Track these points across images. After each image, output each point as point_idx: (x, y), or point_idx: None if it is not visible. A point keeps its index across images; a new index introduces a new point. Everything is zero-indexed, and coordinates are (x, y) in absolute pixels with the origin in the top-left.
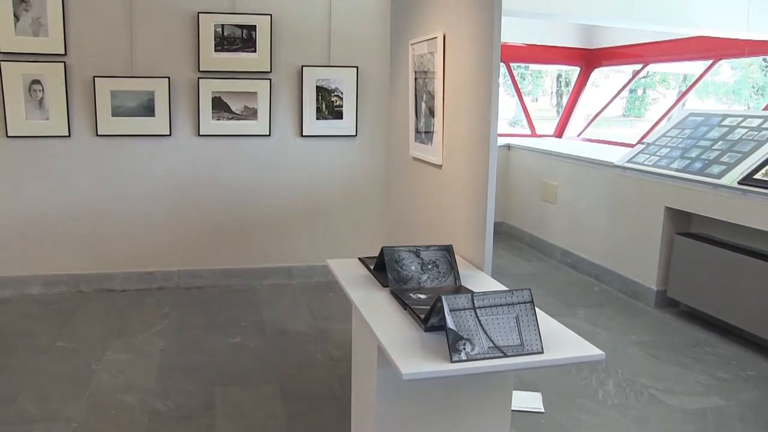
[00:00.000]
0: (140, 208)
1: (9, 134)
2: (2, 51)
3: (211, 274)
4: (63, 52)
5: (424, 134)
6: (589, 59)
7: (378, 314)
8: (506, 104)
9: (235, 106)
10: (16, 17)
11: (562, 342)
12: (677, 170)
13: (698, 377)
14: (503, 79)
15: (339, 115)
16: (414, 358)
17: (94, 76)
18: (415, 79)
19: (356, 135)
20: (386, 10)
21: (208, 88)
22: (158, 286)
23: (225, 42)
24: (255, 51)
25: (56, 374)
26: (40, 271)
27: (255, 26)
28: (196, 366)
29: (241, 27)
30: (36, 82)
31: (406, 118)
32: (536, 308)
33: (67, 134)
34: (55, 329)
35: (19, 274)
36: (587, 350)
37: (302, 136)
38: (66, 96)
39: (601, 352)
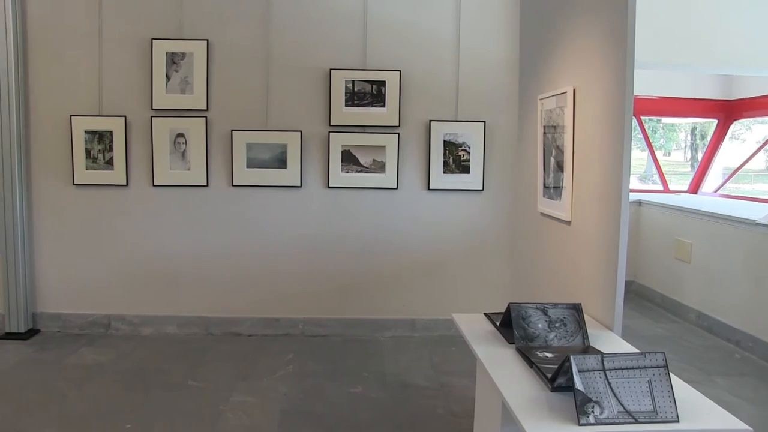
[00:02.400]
0: (269, 256)
1: (155, 183)
2: (154, 108)
3: (335, 323)
4: (205, 108)
5: (553, 189)
6: (728, 111)
7: (503, 371)
8: (637, 159)
9: (364, 160)
10: (167, 77)
11: (701, 412)
12: None
13: None
14: (634, 133)
15: (466, 170)
16: (540, 418)
17: (231, 130)
18: (544, 133)
19: (483, 189)
20: (514, 65)
21: (339, 141)
22: (284, 332)
23: (355, 97)
24: (384, 106)
25: (187, 411)
26: (176, 312)
27: (384, 82)
28: (318, 413)
29: (371, 83)
30: (180, 135)
31: (534, 173)
32: (670, 374)
33: (206, 184)
34: (187, 368)
35: (158, 313)
36: (730, 423)
37: (429, 189)
38: (206, 148)
39: (748, 427)
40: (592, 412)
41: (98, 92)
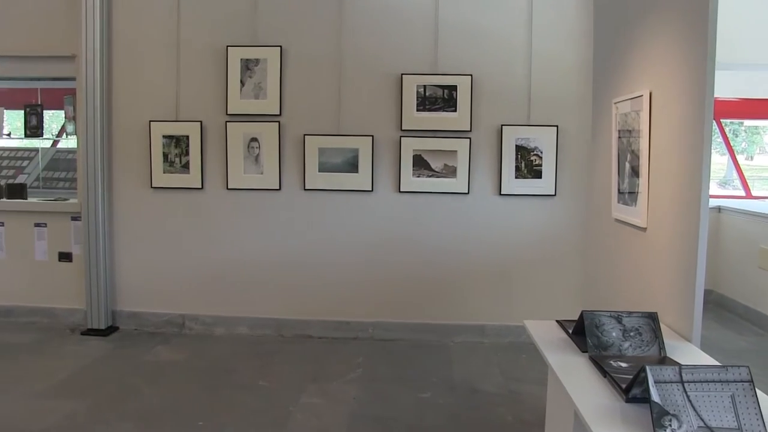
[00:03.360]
0: (340, 260)
1: (229, 187)
2: (229, 113)
3: (405, 328)
4: (278, 113)
5: (628, 195)
6: None
7: (576, 380)
8: (716, 163)
9: (435, 164)
10: (242, 83)
11: None
12: None
13: None
14: (713, 137)
15: (538, 174)
16: (613, 429)
17: (304, 134)
18: (619, 138)
19: (555, 194)
20: (587, 67)
21: (410, 146)
22: (353, 336)
23: (427, 102)
24: (455, 110)
25: (257, 411)
26: (247, 313)
27: (456, 86)
28: (386, 417)
29: (443, 87)
30: (254, 140)
31: (608, 179)
32: (757, 390)
33: (278, 188)
34: (258, 369)
35: (230, 314)
36: None
37: (500, 194)
38: (279, 152)
39: None
40: (669, 425)
41: (176, 98)
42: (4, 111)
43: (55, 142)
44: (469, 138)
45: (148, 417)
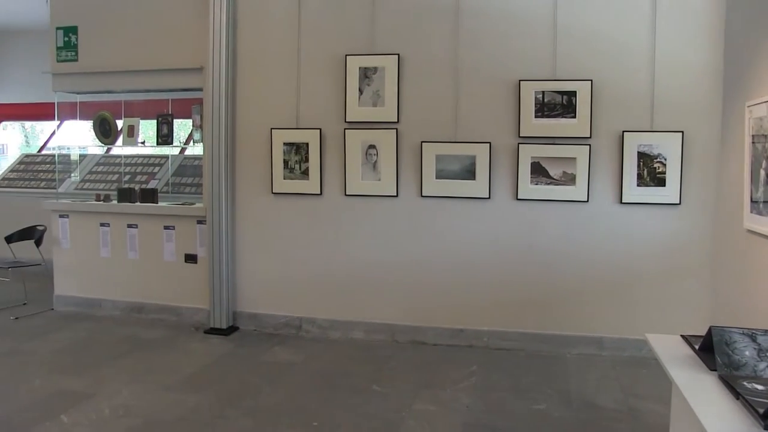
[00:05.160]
0: (455, 267)
1: (347, 193)
2: (347, 120)
3: (520, 337)
4: (396, 120)
5: (762, 204)
6: None
7: (704, 401)
8: None
9: (554, 171)
10: (360, 91)
11: None
12: None
13: None
14: None
15: (661, 182)
16: None
17: (421, 141)
18: (753, 143)
19: (680, 203)
20: (716, 70)
21: (528, 153)
22: (468, 343)
23: (545, 108)
24: (575, 116)
25: (370, 416)
26: (362, 318)
27: (575, 92)
28: (500, 428)
29: (561, 93)
30: (372, 147)
31: (740, 187)
32: None
33: (395, 194)
34: (372, 373)
35: (346, 318)
36: None
37: (621, 202)
38: (396, 159)
39: None
40: None
41: (296, 106)
42: (140, 121)
43: (182, 150)
44: (589, 145)
45: (266, 414)
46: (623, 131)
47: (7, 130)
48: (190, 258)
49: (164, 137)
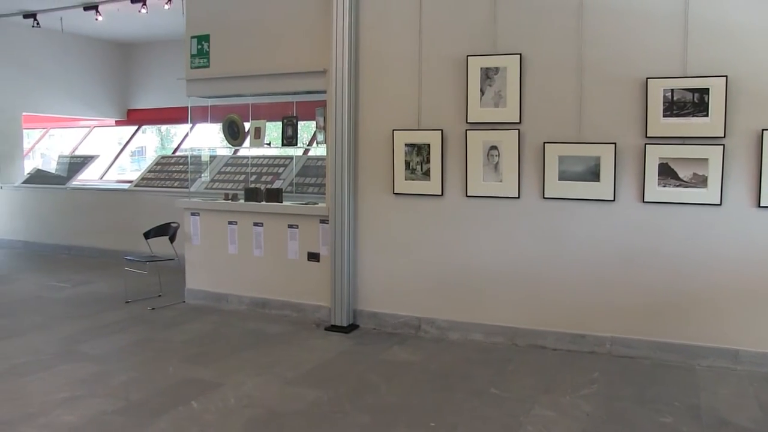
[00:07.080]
0: (577, 270)
1: (468, 194)
2: (469, 121)
3: (645, 346)
4: (518, 121)
5: None
6: None
7: None
8: None
9: (683, 173)
10: (482, 92)
11: None
12: None
13: None
14: None
15: None
16: None
17: (544, 142)
18: None
19: None
20: None
21: (655, 154)
22: (589, 350)
23: (674, 107)
24: (707, 115)
25: (487, 419)
26: (482, 320)
27: (707, 89)
28: None
29: (692, 91)
30: (493, 147)
31: None
32: None
33: (517, 196)
34: (491, 376)
35: (465, 320)
36: None
37: (759, 206)
38: (518, 160)
39: None
40: None
41: (418, 107)
42: (266, 123)
43: (306, 151)
44: (723, 145)
45: (383, 412)
46: (763, 129)
47: (146, 133)
48: (313, 256)
49: (289, 139)
